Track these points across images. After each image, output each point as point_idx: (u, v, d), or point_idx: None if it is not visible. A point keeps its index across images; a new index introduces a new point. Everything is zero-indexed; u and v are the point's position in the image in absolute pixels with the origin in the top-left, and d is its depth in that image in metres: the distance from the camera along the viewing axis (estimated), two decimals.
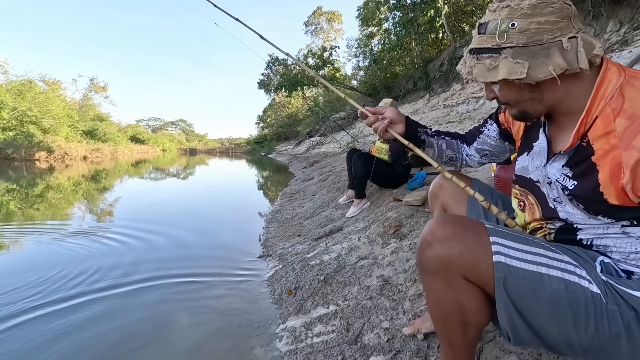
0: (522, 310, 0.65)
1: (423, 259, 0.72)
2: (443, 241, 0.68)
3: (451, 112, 7.95)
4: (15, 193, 5.72)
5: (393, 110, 1.02)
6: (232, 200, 5.18)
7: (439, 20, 10.82)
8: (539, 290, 0.64)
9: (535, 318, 0.65)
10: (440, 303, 0.73)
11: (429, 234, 0.71)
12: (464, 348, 0.77)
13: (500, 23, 0.66)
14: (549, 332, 0.65)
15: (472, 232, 0.69)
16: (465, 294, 0.69)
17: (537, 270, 0.65)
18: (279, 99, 34.55)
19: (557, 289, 0.64)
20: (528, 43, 0.64)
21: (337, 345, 1.23)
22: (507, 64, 0.65)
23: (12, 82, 19.41)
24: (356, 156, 3.04)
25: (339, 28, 30.44)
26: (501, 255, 0.66)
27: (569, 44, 0.63)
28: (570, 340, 0.64)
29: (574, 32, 0.64)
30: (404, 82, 13.23)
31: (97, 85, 32.42)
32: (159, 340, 1.41)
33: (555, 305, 0.63)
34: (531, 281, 0.64)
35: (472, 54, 0.72)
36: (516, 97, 0.71)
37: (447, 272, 0.68)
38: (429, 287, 0.74)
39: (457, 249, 0.67)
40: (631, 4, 4.81)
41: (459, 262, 0.67)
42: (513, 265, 0.65)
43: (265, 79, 17.59)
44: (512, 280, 0.65)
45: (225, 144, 73.96)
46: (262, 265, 2.22)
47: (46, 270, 2.09)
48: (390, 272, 1.63)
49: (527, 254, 0.67)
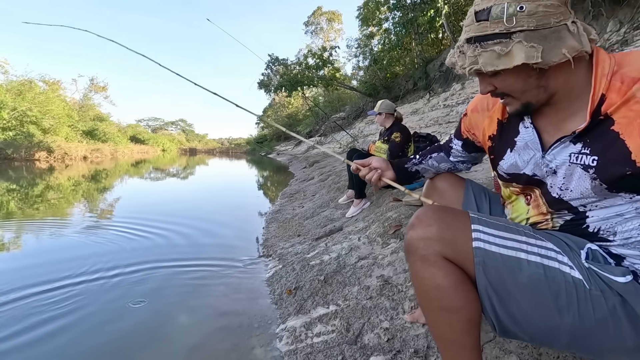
0: (502, 295, 0.67)
1: (406, 241, 0.74)
2: (424, 222, 0.72)
3: (451, 112, 7.95)
4: (16, 193, 5.72)
5: (378, 160, 1.14)
6: (232, 200, 5.18)
7: (439, 20, 10.81)
8: (517, 274, 0.66)
9: (516, 303, 0.66)
10: (421, 284, 0.73)
11: (415, 217, 0.74)
12: (457, 346, 0.73)
13: (507, 7, 0.63)
14: (531, 318, 0.66)
15: (454, 217, 0.72)
16: (441, 270, 0.69)
17: (515, 255, 0.67)
18: (279, 99, 34.58)
19: (535, 272, 0.65)
20: (538, 26, 0.62)
21: (337, 345, 1.23)
22: (523, 48, 0.62)
23: (12, 82, 19.43)
24: (356, 156, 3.03)
25: (339, 28, 30.47)
26: (480, 242, 0.68)
27: (574, 27, 0.63)
28: (554, 325, 0.65)
29: (572, 17, 0.64)
30: (404, 82, 13.23)
31: (97, 85, 32.46)
32: (159, 340, 1.41)
33: (535, 288, 0.65)
34: (509, 265, 0.66)
35: (472, 43, 0.68)
36: (522, 86, 0.69)
37: (426, 250, 0.70)
38: (412, 269, 0.74)
39: (436, 227, 0.70)
40: (631, 4, 4.81)
41: (437, 239, 0.69)
42: (492, 251, 0.67)
43: (265, 79, 17.58)
44: (491, 264, 0.66)
45: (225, 144, 73.95)
46: (262, 265, 2.21)
47: (42, 267, 2.09)
48: (390, 272, 1.63)
49: (507, 240, 0.69)
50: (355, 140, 11.85)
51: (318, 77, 15.93)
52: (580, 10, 5.74)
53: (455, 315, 0.70)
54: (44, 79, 23.15)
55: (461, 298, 0.69)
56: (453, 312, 0.70)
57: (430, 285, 0.71)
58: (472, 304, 0.69)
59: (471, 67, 0.69)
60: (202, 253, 2.48)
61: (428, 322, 0.78)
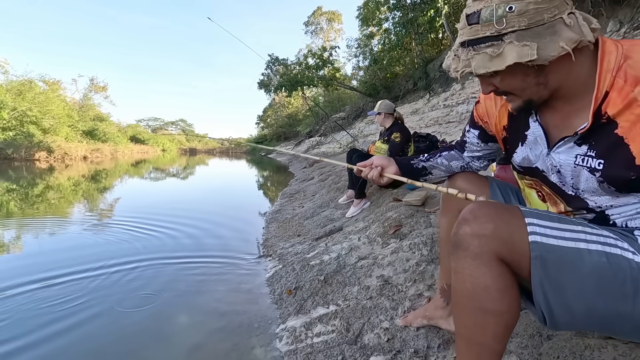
0: (559, 288, 0.64)
1: (458, 236, 0.70)
2: (481, 218, 0.68)
3: (451, 112, 7.95)
4: (15, 192, 5.72)
5: (379, 158, 1.13)
6: (232, 200, 5.18)
7: (439, 20, 10.82)
8: (579, 266, 0.62)
9: (576, 295, 0.63)
10: (466, 282, 0.69)
11: (469, 212, 0.70)
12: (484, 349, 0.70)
13: (496, 8, 0.63)
14: (594, 309, 0.63)
15: (509, 213, 0.68)
16: (493, 271, 0.66)
17: (576, 246, 0.64)
18: (279, 99, 34.57)
19: (598, 261, 0.62)
20: (530, 25, 0.62)
21: (337, 346, 1.23)
22: (515, 48, 0.63)
23: (12, 82, 19.43)
24: (356, 156, 3.04)
25: (339, 28, 30.46)
26: (537, 235, 0.64)
27: (570, 19, 0.62)
28: (618, 314, 0.62)
29: (570, 8, 0.63)
30: (404, 82, 13.23)
31: (97, 85, 32.43)
32: (160, 341, 1.41)
33: (599, 277, 0.62)
34: (570, 257, 0.63)
35: (465, 46, 0.68)
36: (521, 85, 0.69)
37: (481, 248, 0.66)
38: (458, 265, 0.71)
39: (493, 224, 0.66)
40: (631, 4, 4.81)
41: (494, 237, 0.66)
42: (550, 244, 0.64)
43: (265, 79, 17.57)
44: (550, 257, 0.63)
45: (225, 144, 73.92)
46: (262, 265, 2.22)
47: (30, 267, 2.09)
48: (390, 272, 1.63)
49: (564, 231, 0.65)
50: (355, 140, 11.85)
51: (318, 77, 15.94)
52: (581, 10, 5.74)
53: (494, 319, 0.68)
54: (44, 79, 23.17)
55: (505, 303, 0.67)
56: (493, 315, 0.67)
57: (477, 284, 0.68)
58: (513, 311, 0.68)
59: (464, 70, 0.70)
60: (202, 253, 2.48)
61: (457, 320, 0.75)
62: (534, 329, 1.01)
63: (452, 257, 0.73)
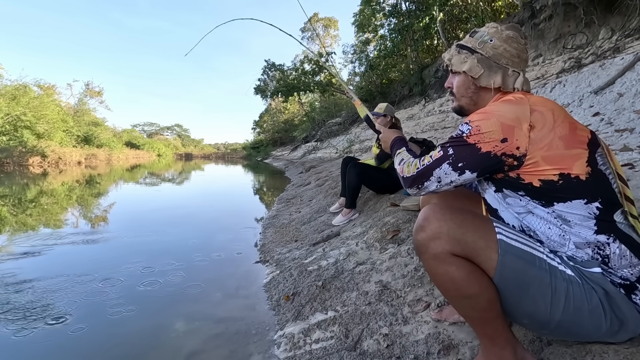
0: (514, 283, 0.76)
1: (416, 242, 0.82)
2: (433, 223, 0.79)
3: (447, 117, 8.01)
4: (9, 198, 5.64)
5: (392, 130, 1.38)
6: (229, 206, 5.15)
7: (434, 27, 10.95)
8: (530, 268, 0.75)
9: (523, 292, 0.76)
10: (438, 279, 0.81)
11: (423, 219, 0.81)
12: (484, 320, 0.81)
13: (485, 35, 0.94)
14: (533, 310, 0.76)
15: (461, 214, 0.80)
16: (451, 266, 0.77)
17: (530, 251, 0.77)
18: (275, 104, 34.65)
19: (543, 268, 0.75)
20: (491, 57, 0.92)
21: (336, 352, 1.21)
22: (473, 63, 0.94)
23: (6, 87, 19.22)
24: (351, 165, 2.99)
25: (335, 34, 30.73)
26: (502, 236, 0.78)
27: (512, 74, 0.91)
28: (547, 319, 0.75)
29: (519, 69, 0.92)
30: (399, 88, 13.34)
31: (93, 90, 32.32)
32: (156, 347, 1.38)
33: (540, 282, 0.74)
34: (525, 259, 0.76)
35: (457, 47, 0.99)
36: (462, 92, 0.99)
37: (436, 249, 0.78)
38: (426, 266, 0.82)
39: (445, 227, 0.77)
40: (622, 12, 4.90)
41: (447, 238, 0.77)
42: (512, 244, 0.77)
43: (261, 84, 17.62)
44: (511, 254, 0.76)
45: (221, 149, 73.78)
46: (259, 271, 2.19)
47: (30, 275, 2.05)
48: (388, 277, 1.62)
49: (520, 237, 0.79)
50: (351, 144, 11.88)
51: (314, 82, 16.01)
52: (573, 18, 5.83)
53: (474, 300, 0.78)
54: (39, 84, 22.97)
55: (475, 286, 0.76)
56: (472, 298, 0.77)
57: (446, 280, 0.79)
58: (487, 288, 0.77)
59: (448, 61, 1.01)
60: (198, 259, 2.45)
61: (453, 307, 0.87)
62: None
63: (421, 261, 0.85)
